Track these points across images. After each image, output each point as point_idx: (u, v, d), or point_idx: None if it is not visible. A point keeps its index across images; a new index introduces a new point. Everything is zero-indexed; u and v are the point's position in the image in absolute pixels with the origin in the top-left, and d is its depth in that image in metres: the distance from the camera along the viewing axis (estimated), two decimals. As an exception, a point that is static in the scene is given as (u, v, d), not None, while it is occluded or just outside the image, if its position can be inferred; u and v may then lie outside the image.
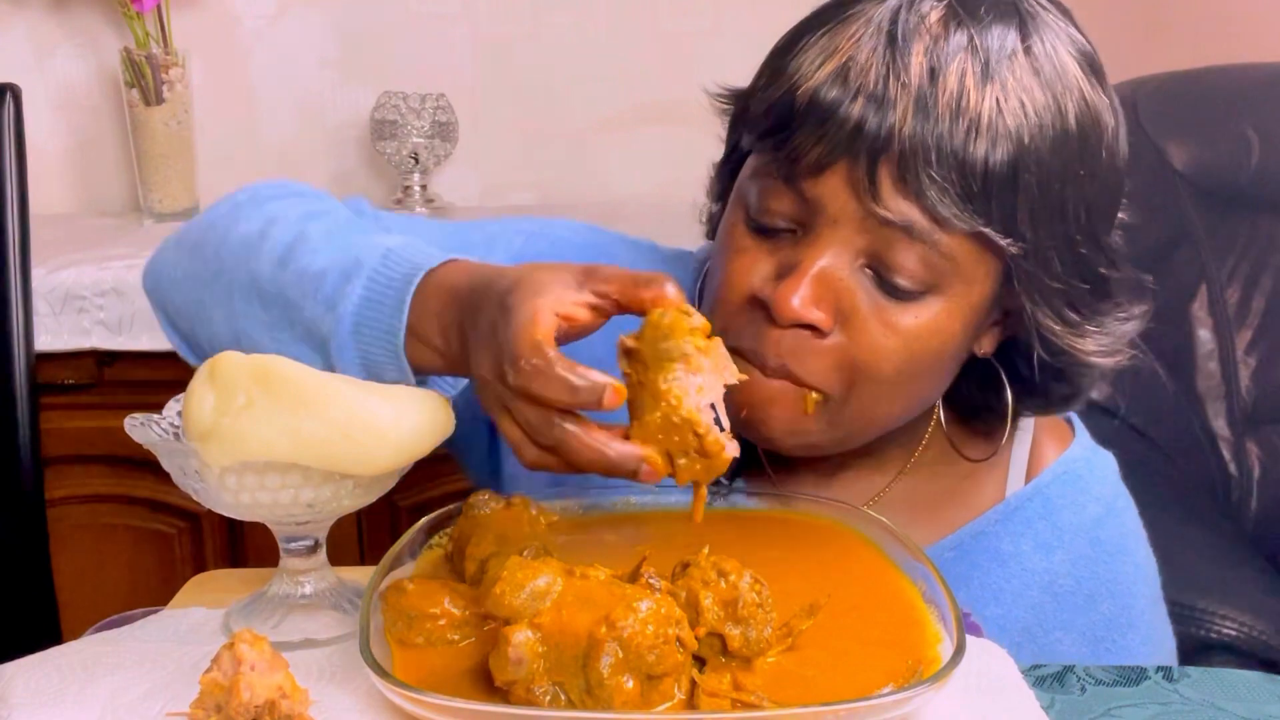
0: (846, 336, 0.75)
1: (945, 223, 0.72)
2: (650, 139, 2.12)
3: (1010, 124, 0.72)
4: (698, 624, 0.61)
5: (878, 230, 0.73)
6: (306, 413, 0.64)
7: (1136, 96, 1.84)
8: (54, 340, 1.67)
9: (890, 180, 0.72)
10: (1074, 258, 0.77)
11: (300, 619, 0.71)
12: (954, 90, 0.72)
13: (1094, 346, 0.80)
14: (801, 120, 0.74)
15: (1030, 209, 0.74)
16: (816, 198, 0.74)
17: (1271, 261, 1.79)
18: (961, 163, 0.71)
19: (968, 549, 0.88)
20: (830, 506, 0.79)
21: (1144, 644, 0.90)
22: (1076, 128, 0.75)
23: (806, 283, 0.74)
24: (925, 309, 0.75)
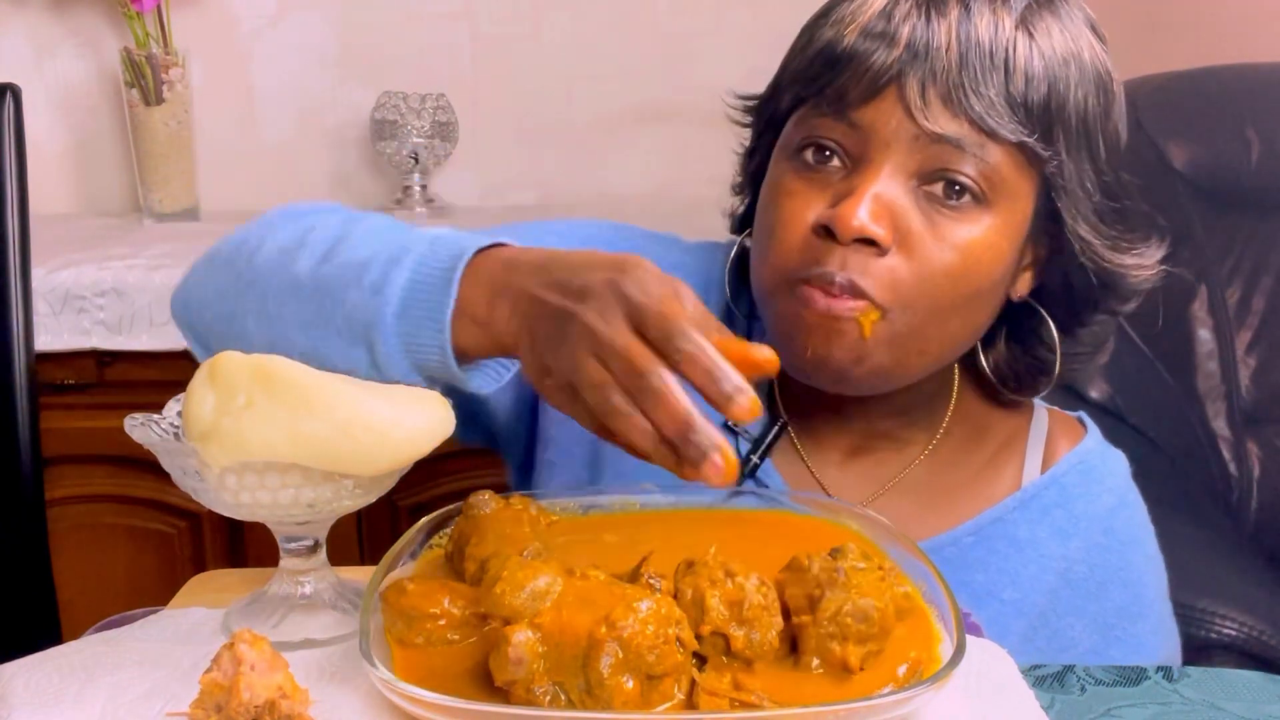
0: (905, 253, 0.79)
1: (993, 134, 0.78)
2: (650, 139, 2.12)
3: (1043, 54, 0.80)
4: (702, 622, 0.61)
5: (929, 148, 0.78)
6: (307, 413, 0.64)
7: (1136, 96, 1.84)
8: (54, 340, 1.67)
9: (939, 98, 0.78)
10: (1101, 183, 0.83)
11: (300, 619, 0.71)
12: (989, 24, 0.79)
13: (1131, 261, 0.86)
14: (848, 57, 0.80)
15: (1064, 129, 0.80)
16: (869, 124, 0.79)
17: (1271, 261, 1.79)
18: (1004, 78, 0.78)
19: (986, 534, 0.90)
20: (830, 507, 0.79)
21: (1153, 634, 0.92)
22: (1093, 70, 0.82)
23: (866, 200, 0.78)
24: (977, 224, 0.80)
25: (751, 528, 0.78)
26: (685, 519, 0.78)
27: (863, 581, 0.63)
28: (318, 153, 2.13)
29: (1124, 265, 0.86)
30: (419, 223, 2.00)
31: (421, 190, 2.04)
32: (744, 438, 0.91)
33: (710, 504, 0.80)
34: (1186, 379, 1.77)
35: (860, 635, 0.62)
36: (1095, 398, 1.71)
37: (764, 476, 0.91)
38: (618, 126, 2.13)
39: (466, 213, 2.07)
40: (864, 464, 0.92)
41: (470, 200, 2.15)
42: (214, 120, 2.06)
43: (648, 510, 0.79)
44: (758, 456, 0.90)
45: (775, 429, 0.91)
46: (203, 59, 2.02)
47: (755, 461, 0.90)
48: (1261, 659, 1.36)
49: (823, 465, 0.92)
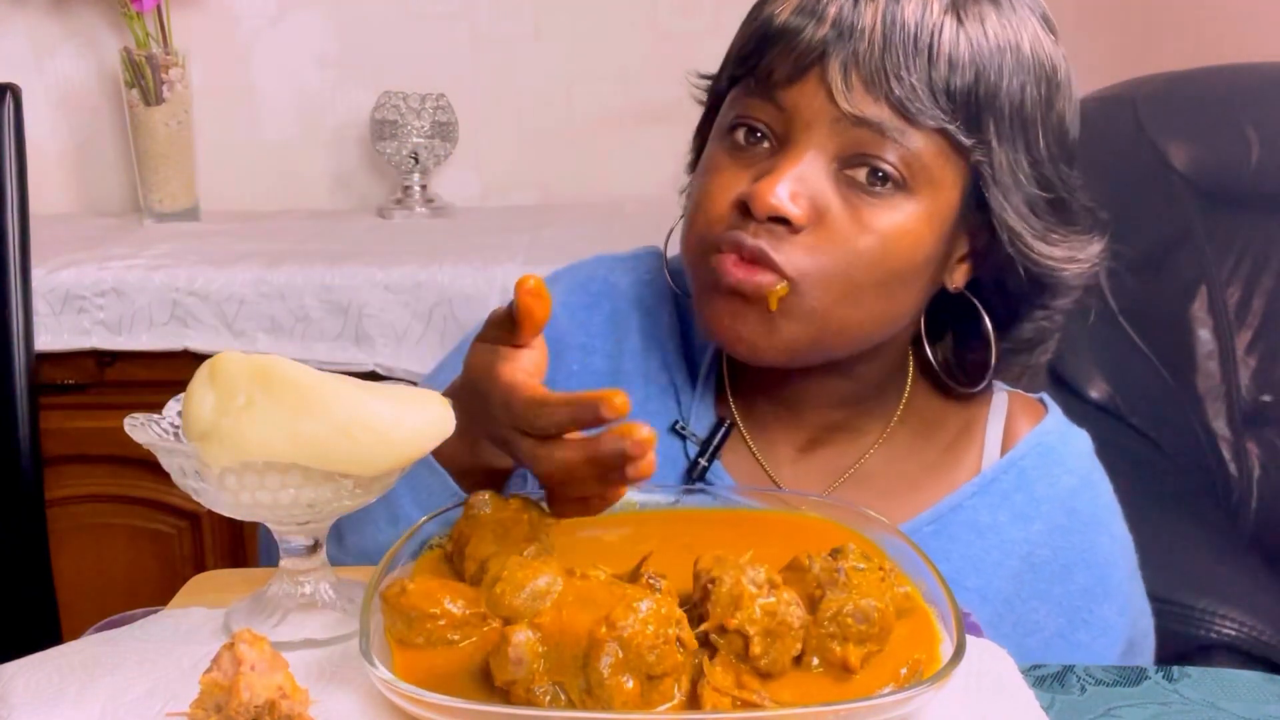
0: (821, 234, 0.79)
1: (913, 119, 0.77)
2: (650, 139, 2.12)
3: (973, 35, 0.79)
4: (731, 616, 0.61)
5: (850, 131, 0.78)
6: (307, 413, 0.64)
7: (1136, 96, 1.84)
8: (54, 340, 1.67)
9: (861, 82, 0.78)
10: (1036, 174, 0.82)
11: (300, 619, 0.71)
12: (918, 6, 0.78)
13: (1061, 254, 0.85)
14: (777, 38, 0.80)
15: (995, 118, 0.79)
16: (793, 105, 0.80)
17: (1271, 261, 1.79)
18: (928, 63, 0.77)
19: (947, 522, 0.90)
20: (830, 507, 0.79)
21: (1120, 614, 0.91)
22: (1034, 60, 0.81)
23: (784, 180, 0.78)
24: (897, 210, 0.79)
25: (751, 528, 0.78)
26: (685, 519, 0.78)
27: (863, 582, 0.63)
28: (318, 153, 2.13)
29: (1054, 257, 0.84)
30: (419, 223, 2.00)
31: (421, 190, 2.04)
32: (691, 440, 0.91)
33: (710, 504, 0.80)
34: (1186, 379, 1.77)
35: (861, 635, 0.62)
36: (1095, 398, 1.71)
37: (714, 477, 0.91)
38: (618, 126, 2.13)
39: (466, 213, 2.07)
40: (818, 457, 0.92)
41: (470, 200, 2.15)
42: (214, 120, 2.06)
43: (648, 510, 0.79)
44: (705, 459, 0.90)
45: (722, 430, 0.91)
46: (203, 59, 2.03)
47: (704, 464, 0.90)
48: (1261, 659, 1.36)
49: (776, 462, 0.92)
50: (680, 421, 0.92)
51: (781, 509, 0.79)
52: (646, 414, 0.91)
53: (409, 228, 1.98)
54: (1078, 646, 0.89)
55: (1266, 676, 0.75)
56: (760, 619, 0.60)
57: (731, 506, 0.80)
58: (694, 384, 0.93)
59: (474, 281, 1.67)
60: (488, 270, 1.68)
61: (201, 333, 1.68)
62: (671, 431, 0.92)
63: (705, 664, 0.60)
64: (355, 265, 1.70)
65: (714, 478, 0.91)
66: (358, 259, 1.73)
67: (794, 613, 0.61)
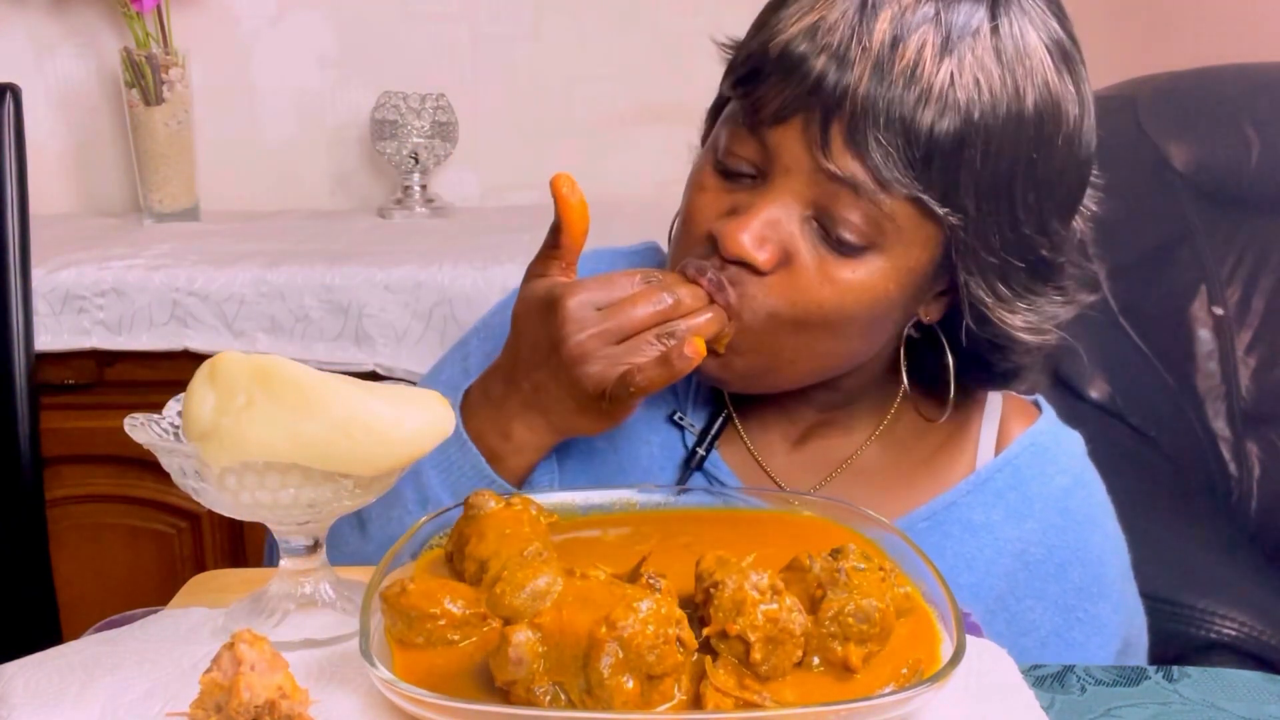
0: (784, 279, 0.80)
1: (888, 185, 0.76)
2: (650, 139, 2.12)
3: (961, 98, 0.76)
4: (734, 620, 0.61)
5: (826, 184, 0.78)
6: (308, 413, 0.64)
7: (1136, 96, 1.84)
8: (54, 340, 1.67)
9: (841, 138, 0.76)
10: (1016, 237, 0.80)
11: (300, 619, 0.71)
12: (911, 59, 0.75)
13: (1020, 323, 0.84)
14: (770, 71, 0.79)
15: (974, 183, 0.77)
16: (774, 146, 0.79)
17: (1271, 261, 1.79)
18: (908, 129, 0.75)
19: (941, 519, 0.90)
20: (830, 507, 0.79)
21: (1114, 612, 0.92)
22: (1033, 112, 0.78)
23: (754, 223, 0.79)
24: (864, 266, 0.79)
25: (751, 528, 0.78)
26: (685, 519, 0.78)
27: (864, 582, 0.64)
28: (318, 153, 2.13)
29: (1011, 325, 0.83)
30: (419, 223, 2.00)
31: (421, 190, 2.04)
32: (689, 431, 0.93)
33: (710, 504, 0.80)
34: (1186, 379, 1.77)
35: (861, 635, 0.62)
36: (1095, 398, 1.71)
37: (711, 468, 0.92)
38: (618, 126, 2.13)
39: (466, 213, 2.07)
40: (811, 450, 0.93)
41: (470, 200, 2.15)
42: (214, 120, 2.06)
43: (648, 510, 0.79)
44: (704, 449, 0.92)
45: (719, 421, 0.93)
46: (203, 59, 2.02)
47: (701, 454, 0.92)
48: (1261, 659, 1.36)
49: (769, 454, 0.94)
50: (679, 412, 0.94)
51: (781, 509, 0.80)
52: (642, 407, 0.92)
53: (409, 228, 1.98)
54: (1073, 645, 0.90)
55: (1266, 676, 0.75)
56: (762, 625, 0.60)
57: (731, 506, 0.80)
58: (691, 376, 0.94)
59: (474, 281, 1.67)
60: (488, 270, 1.68)
61: (201, 333, 1.68)
62: (670, 421, 0.94)
63: (708, 664, 0.60)
64: (355, 265, 1.70)
65: (711, 468, 0.93)
66: (358, 259, 1.73)
67: (796, 619, 0.61)
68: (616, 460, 0.93)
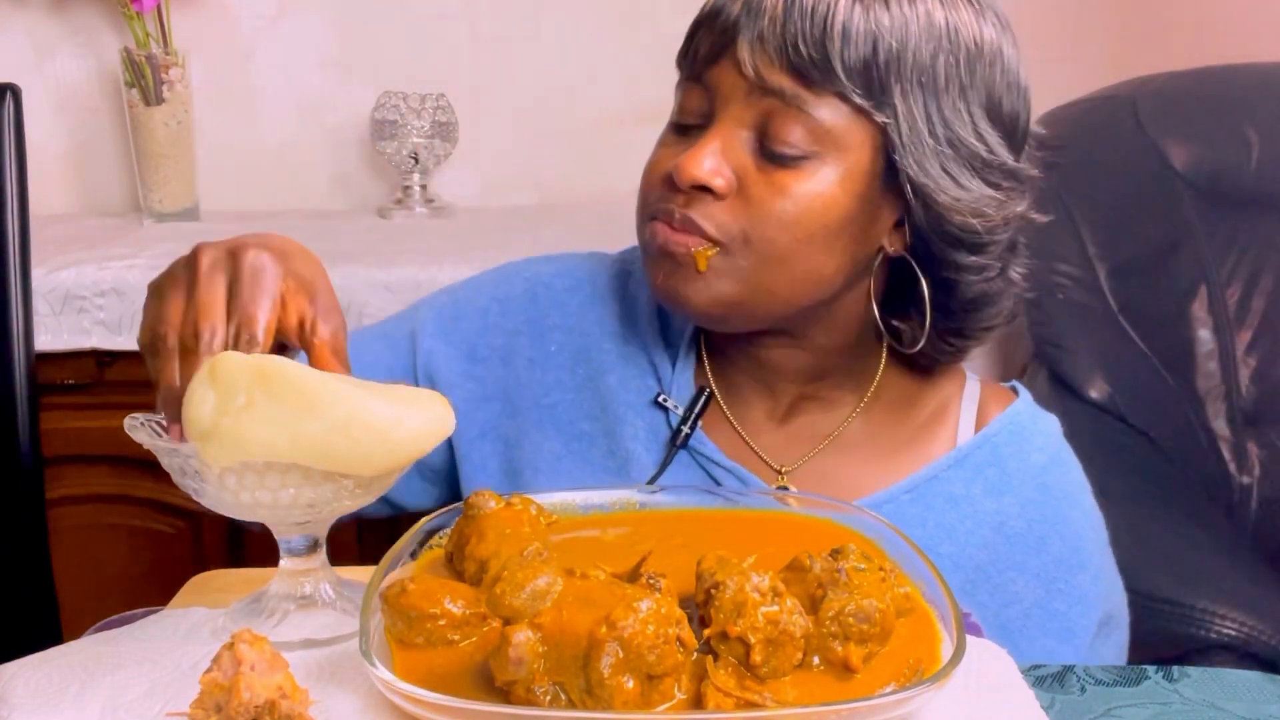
0: (743, 199, 0.86)
1: (814, 86, 0.84)
2: (650, 139, 2.11)
3: (876, 16, 0.84)
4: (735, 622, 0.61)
5: (760, 102, 0.85)
6: (309, 413, 0.64)
7: (1136, 96, 1.85)
8: (54, 340, 1.66)
9: (766, 54, 0.84)
10: (947, 134, 0.86)
11: (301, 619, 0.71)
12: None
13: (967, 206, 0.87)
14: (703, 23, 0.89)
15: (896, 84, 0.84)
16: (715, 83, 0.88)
17: (1271, 261, 1.79)
18: (823, 34, 0.83)
19: (922, 492, 0.94)
20: (831, 507, 0.79)
21: (1094, 583, 0.95)
22: (945, 28, 0.86)
23: (705, 153, 0.86)
24: (809, 174, 0.85)
25: (751, 527, 0.78)
26: (685, 519, 0.78)
27: (864, 582, 0.64)
28: (318, 153, 2.13)
29: (959, 211, 0.87)
30: (419, 223, 2.00)
31: (421, 190, 2.04)
32: (673, 413, 0.96)
33: (710, 504, 0.80)
34: (1186, 379, 1.77)
35: (862, 635, 0.62)
36: (1095, 398, 1.71)
37: (697, 445, 0.95)
38: (618, 126, 2.13)
39: (466, 213, 2.07)
40: (795, 425, 0.97)
41: (470, 200, 2.15)
42: (214, 120, 2.06)
43: (647, 510, 0.79)
44: (688, 426, 0.95)
45: (702, 398, 0.95)
46: (203, 59, 2.02)
47: (686, 431, 0.95)
48: (1261, 659, 1.36)
49: (755, 430, 0.97)
50: (662, 394, 0.96)
51: (780, 509, 0.80)
52: (627, 391, 0.97)
53: (409, 228, 1.98)
54: (1055, 615, 0.93)
55: (1266, 676, 0.75)
56: (763, 627, 0.60)
57: (731, 506, 0.80)
58: (673, 362, 0.98)
59: (474, 281, 1.67)
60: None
61: (201, 333, 1.68)
62: (654, 405, 0.97)
63: (709, 664, 0.60)
64: (355, 265, 1.70)
65: (697, 445, 0.95)
66: (358, 259, 1.73)
67: (796, 622, 0.61)
68: (606, 444, 0.96)
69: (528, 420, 0.98)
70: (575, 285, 1.01)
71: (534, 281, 1.02)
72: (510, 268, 1.05)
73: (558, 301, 1.00)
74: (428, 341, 1.00)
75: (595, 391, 0.97)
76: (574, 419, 0.97)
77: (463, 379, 0.99)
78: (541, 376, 0.99)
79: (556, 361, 0.99)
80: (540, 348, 0.99)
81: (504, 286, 1.02)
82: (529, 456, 0.97)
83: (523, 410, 0.98)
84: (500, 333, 1.00)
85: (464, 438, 0.99)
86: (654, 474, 0.94)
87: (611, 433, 0.96)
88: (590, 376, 0.98)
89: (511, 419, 0.98)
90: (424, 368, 0.99)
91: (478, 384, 0.99)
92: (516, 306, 1.01)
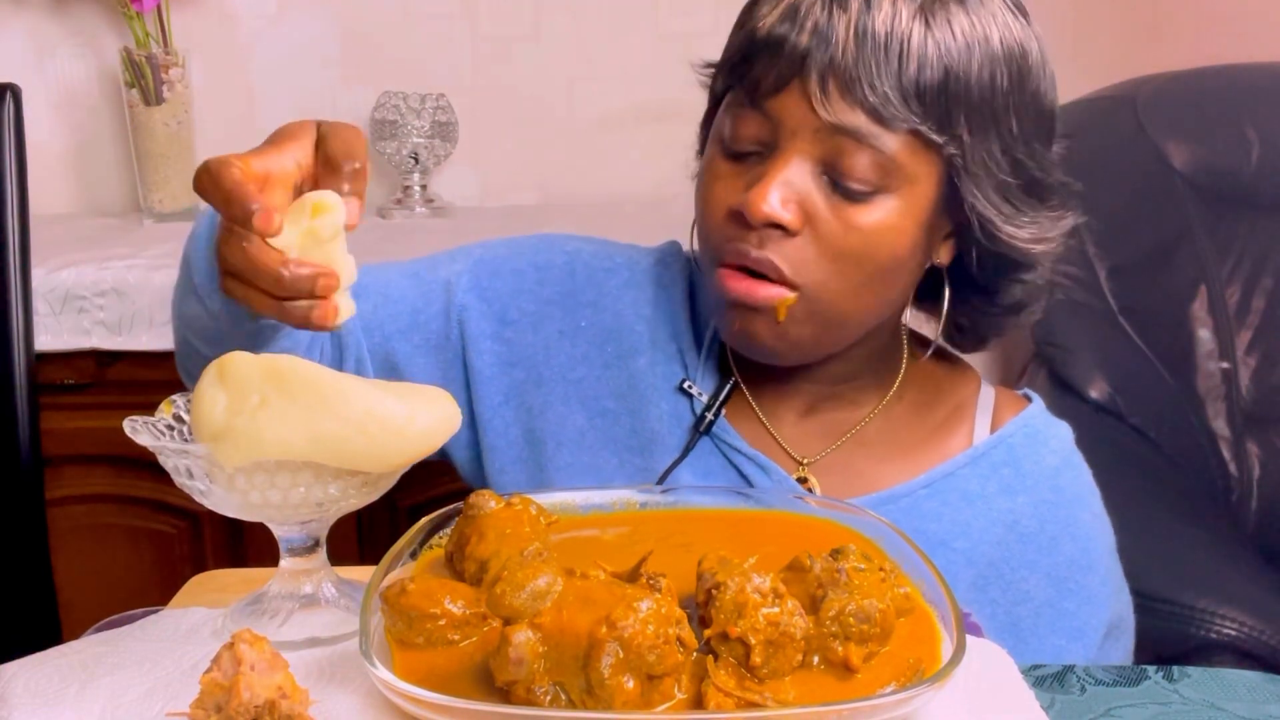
0: (813, 235, 0.85)
1: (887, 123, 0.83)
2: (650, 139, 2.12)
3: (941, 42, 0.83)
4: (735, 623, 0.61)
5: (829, 138, 0.84)
6: (325, 410, 0.64)
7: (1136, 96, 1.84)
8: (54, 340, 1.66)
9: (836, 91, 0.83)
10: (1008, 160, 0.87)
11: (301, 619, 0.71)
12: (887, 14, 0.83)
13: (1027, 235, 0.90)
14: (760, 53, 0.85)
15: (965, 114, 0.84)
16: (777, 114, 0.85)
17: (1271, 261, 1.79)
18: (898, 68, 0.82)
19: (939, 488, 0.96)
20: (831, 507, 0.79)
21: (1103, 585, 0.97)
22: (1003, 51, 0.86)
23: (773, 187, 0.84)
24: (879, 208, 0.85)
25: (752, 527, 0.78)
26: (685, 519, 0.78)
27: (864, 582, 0.64)
28: (318, 153, 2.13)
29: (1021, 239, 0.90)
30: (419, 223, 2.00)
31: (421, 190, 2.04)
32: (698, 399, 0.97)
33: (710, 504, 0.80)
34: (1186, 379, 1.77)
35: (862, 635, 0.62)
36: (1095, 398, 1.71)
37: (721, 433, 0.96)
38: (618, 126, 2.13)
39: (466, 213, 2.07)
40: (819, 420, 0.98)
41: (470, 200, 2.15)
42: (214, 120, 2.05)
43: (648, 510, 0.79)
44: (712, 413, 0.96)
45: (727, 387, 0.96)
46: (203, 59, 2.02)
47: (710, 418, 0.95)
48: (1261, 659, 1.36)
49: (778, 422, 0.98)
50: (687, 380, 0.97)
51: (780, 509, 0.80)
52: (654, 375, 0.97)
53: (409, 228, 1.98)
54: (1065, 615, 0.94)
55: (1266, 676, 0.75)
56: (763, 628, 0.60)
57: (731, 506, 0.80)
58: (700, 351, 0.99)
59: (474, 281, 1.67)
60: (488, 270, 1.67)
61: (201, 333, 1.68)
62: (679, 391, 0.97)
63: (709, 664, 0.60)
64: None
65: (720, 433, 0.96)
66: (358, 259, 1.72)
67: (796, 623, 0.61)
68: (630, 423, 0.97)
69: (552, 392, 0.98)
70: (614, 268, 1.02)
71: (574, 256, 1.02)
72: (551, 239, 1.05)
73: (595, 280, 1.01)
74: (463, 295, 1.00)
75: (623, 371, 0.98)
76: (599, 395, 0.98)
77: (492, 340, 0.99)
78: (570, 349, 0.99)
79: (586, 336, 0.99)
80: (571, 321, 1.00)
81: (544, 255, 1.02)
82: (552, 428, 0.98)
83: (548, 381, 0.99)
84: (534, 299, 1.00)
85: (487, 403, 0.99)
86: (677, 458, 0.95)
87: (636, 413, 0.97)
88: (619, 355, 0.98)
89: (536, 388, 0.99)
90: (457, 321, 0.99)
91: (506, 346, 0.99)
92: (554, 276, 1.00)
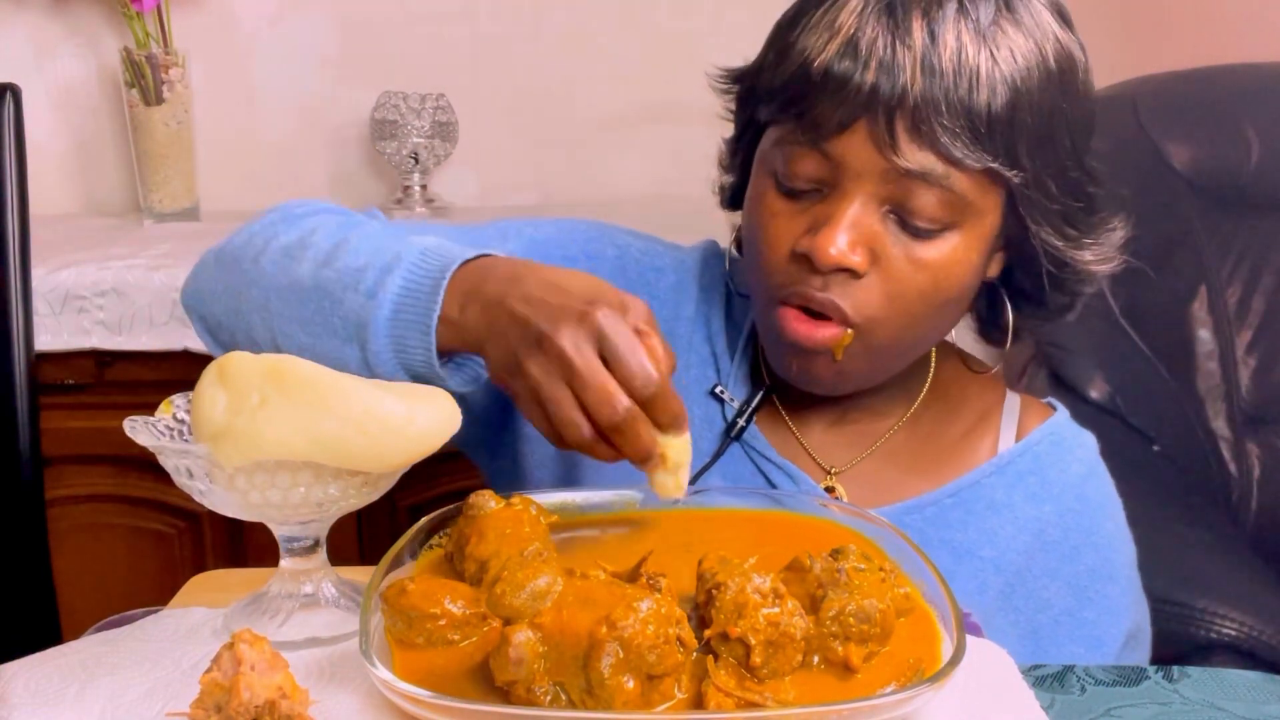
0: (880, 276, 0.84)
1: (958, 164, 0.81)
2: (650, 139, 2.12)
3: (1005, 71, 0.81)
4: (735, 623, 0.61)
5: (898, 180, 0.82)
6: (325, 410, 0.64)
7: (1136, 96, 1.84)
8: (54, 340, 1.66)
9: (906, 133, 0.81)
10: (1066, 181, 0.87)
11: (301, 619, 0.71)
12: (953, 49, 0.81)
13: (1091, 257, 0.90)
14: (819, 90, 0.82)
15: (1028, 142, 0.83)
16: (840, 156, 0.83)
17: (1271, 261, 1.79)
18: (968, 110, 0.80)
19: (965, 497, 0.95)
20: (831, 507, 0.79)
21: (1123, 595, 0.97)
22: (1056, 67, 0.84)
23: (841, 231, 0.82)
24: (945, 244, 0.84)
25: (751, 528, 0.78)
26: (685, 519, 0.78)
27: (864, 582, 0.64)
28: (318, 153, 2.13)
29: (1084, 260, 0.90)
30: (419, 223, 2.00)
31: (421, 190, 2.04)
32: (729, 405, 0.97)
33: (710, 504, 0.80)
34: (1186, 379, 1.77)
35: (862, 635, 0.62)
36: (1095, 398, 1.71)
37: (750, 440, 0.96)
38: (618, 126, 2.13)
39: (466, 213, 2.07)
40: (847, 430, 0.98)
41: (470, 200, 2.15)
42: (214, 120, 2.06)
43: (648, 510, 0.79)
44: (743, 420, 0.96)
45: (759, 394, 0.96)
46: (203, 59, 2.02)
47: (741, 425, 0.95)
48: (1261, 659, 1.36)
49: (807, 430, 0.98)
50: (720, 385, 0.97)
51: (780, 509, 0.80)
52: (688, 378, 0.97)
53: (409, 228, 1.98)
54: (1085, 624, 0.94)
55: (1266, 676, 0.75)
56: (763, 629, 0.60)
57: (731, 506, 0.80)
58: (733, 356, 0.99)
59: (474, 281, 1.67)
60: (488, 270, 1.67)
61: (201, 333, 1.68)
62: (711, 395, 0.97)
63: (709, 664, 0.60)
64: (355, 265, 1.70)
65: (750, 439, 0.96)
66: (358, 259, 1.73)
67: (797, 624, 0.61)
68: None
69: None
70: (663, 268, 1.01)
71: (624, 251, 1.01)
72: (601, 228, 1.03)
73: (646, 279, 1.00)
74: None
75: None
76: None
77: None
78: None
79: None
80: None
81: (596, 244, 1.01)
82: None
83: None
84: None
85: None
86: (707, 462, 0.94)
87: None
88: None
89: None
90: None
91: None
92: (605, 269, 0.99)
